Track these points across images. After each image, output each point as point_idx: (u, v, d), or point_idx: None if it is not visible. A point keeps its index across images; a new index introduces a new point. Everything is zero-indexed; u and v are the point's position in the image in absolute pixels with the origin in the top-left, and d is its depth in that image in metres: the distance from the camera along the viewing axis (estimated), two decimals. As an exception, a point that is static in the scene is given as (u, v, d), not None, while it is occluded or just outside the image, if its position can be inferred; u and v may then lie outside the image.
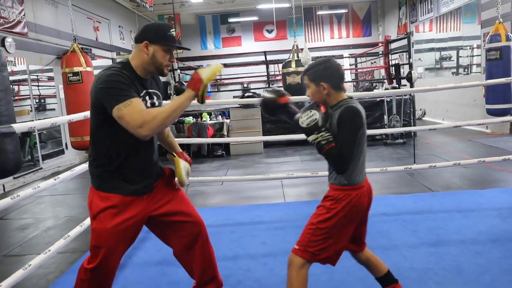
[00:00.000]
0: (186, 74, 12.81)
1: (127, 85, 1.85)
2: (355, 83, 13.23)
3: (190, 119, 8.30)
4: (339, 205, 2.00)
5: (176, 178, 2.16)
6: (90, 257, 2.00)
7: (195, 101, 1.97)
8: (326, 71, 2.01)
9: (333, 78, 2.01)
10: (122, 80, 1.85)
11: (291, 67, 6.78)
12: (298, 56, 6.76)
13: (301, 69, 6.30)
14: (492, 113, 5.13)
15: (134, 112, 1.79)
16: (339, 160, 1.92)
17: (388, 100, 8.39)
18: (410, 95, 8.31)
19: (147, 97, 1.99)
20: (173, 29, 2.03)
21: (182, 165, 2.17)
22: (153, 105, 2.02)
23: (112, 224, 1.94)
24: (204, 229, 2.22)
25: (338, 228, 2.01)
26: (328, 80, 2.00)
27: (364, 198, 2.05)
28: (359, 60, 13.60)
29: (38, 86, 7.84)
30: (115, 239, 1.96)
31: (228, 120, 8.37)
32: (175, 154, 2.25)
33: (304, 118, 1.94)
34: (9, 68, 5.99)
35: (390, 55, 10.10)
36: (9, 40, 6.54)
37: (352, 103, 1.98)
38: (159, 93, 2.10)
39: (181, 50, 15.18)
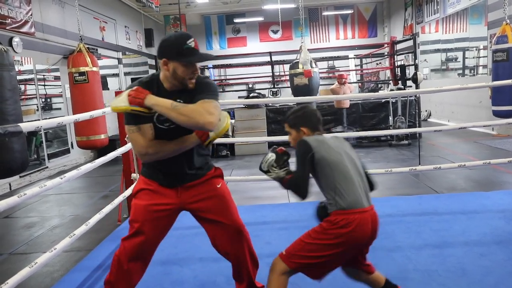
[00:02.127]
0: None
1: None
2: (360, 84, 13.20)
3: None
4: (338, 227, 1.93)
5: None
6: (128, 231, 2.14)
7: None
8: (304, 117, 2.18)
9: (311, 122, 2.16)
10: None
11: (298, 68, 6.78)
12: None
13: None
14: (498, 114, 5.11)
15: (139, 141, 1.99)
16: (294, 186, 2.05)
17: (393, 101, 8.37)
18: (415, 96, 8.28)
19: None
20: (191, 39, 1.96)
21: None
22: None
23: (146, 202, 2.11)
24: (240, 233, 2.26)
25: (330, 252, 1.94)
26: (306, 124, 2.15)
27: (367, 225, 1.96)
28: (364, 61, 13.57)
29: (44, 85, 7.89)
30: (146, 216, 2.09)
31: (233, 120, 8.38)
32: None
33: (264, 163, 2.14)
34: (16, 68, 6.04)
35: (395, 56, 10.07)
36: (16, 39, 6.60)
37: (306, 137, 2.10)
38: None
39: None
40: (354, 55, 13.40)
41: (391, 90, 9.86)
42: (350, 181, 1.98)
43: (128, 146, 3.83)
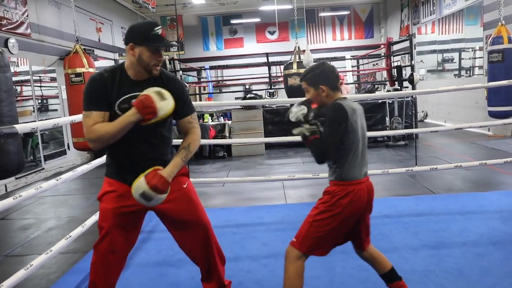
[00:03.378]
0: (188, 75, 12.85)
1: (95, 93, 1.97)
2: (357, 84, 13.22)
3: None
4: (336, 199, 2.03)
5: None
6: (99, 236, 2.11)
7: (196, 102, 1.99)
8: (323, 74, 2.10)
9: (330, 80, 2.10)
10: (92, 87, 1.98)
11: (292, 68, 6.79)
12: (299, 58, 6.76)
13: (302, 70, 6.28)
14: (494, 115, 5.13)
15: (87, 126, 1.97)
16: (319, 150, 2.02)
17: (390, 102, 8.38)
18: (412, 97, 8.30)
19: (133, 100, 1.97)
20: (159, 27, 2.00)
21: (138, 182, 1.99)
22: None
23: (113, 205, 2.07)
24: (207, 231, 2.26)
25: (335, 222, 2.04)
26: (325, 82, 2.08)
27: (363, 194, 2.07)
28: (361, 61, 13.60)
29: (40, 86, 7.86)
30: (114, 221, 2.06)
31: (229, 122, 8.37)
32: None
33: (293, 113, 2.06)
34: (12, 69, 6.01)
35: (392, 57, 10.10)
36: (12, 41, 6.57)
37: (340, 100, 2.06)
38: None
39: (183, 51, 15.09)
40: (351, 56, 13.42)
41: (388, 91, 9.87)
42: (358, 155, 2.06)
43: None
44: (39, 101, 7.82)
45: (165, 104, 1.93)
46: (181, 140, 2.19)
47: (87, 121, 1.97)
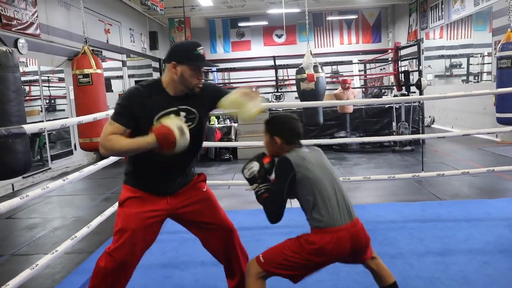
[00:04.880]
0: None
1: (128, 107, 1.99)
2: (364, 89, 13.19)
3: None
4: (309, 247, 1.96)
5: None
6: (113, 241, 2.09)
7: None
8: (280, 126, 2.13)
9: (286, 133, 2.12)
10: (127, 101, 2.01)
11: (305, 73, 6.75)
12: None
13: (315, 75, 6.22)
14: (502, 122, 5.08)
15: (105, 132, 1.99)
16: (269, 208, 2.04)
17: (397, 107, 8.35)
18: (419, 102, 8.27)
19: (172, 115, 2.02)
20: (201, 47, 2.06)
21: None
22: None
23: (137, 210, 2.08)
24: (231, 233, 2.32)
25: (308, 266, 2.00)
26: (281, 134, 2.11)
27: (345, 243, 1.95)
28: (368, 66, 13.57)
29: (48, 87, 7.92)
30: (138, 224, 2.07)
31: (236, 124, 8.38)
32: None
33: (246, 170, 2.11)
34: (21, 69, 6.06)
35: (399, 62, 10.06)
36: (21, 41, 6.63)
37: (290, 152, 2.06)
38: (193, 109, 2.10)
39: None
40: (358, 60, 13.39)
41: (395, 95, 9.84)
42: (328, 199, 1.99)
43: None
44: (47, 101, 7.88)
45: (183, 141, 1.93)
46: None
47: (108, 128, 2.00)
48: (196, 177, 2.29)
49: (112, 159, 3.48)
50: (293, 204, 2.14)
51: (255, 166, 2.09)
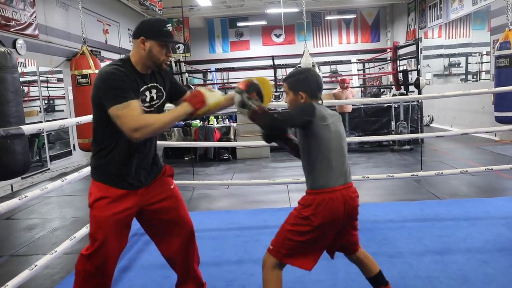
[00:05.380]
0: (194, 77, 12.88)
1: (126, 85, 1.91)
2: (362, 88, 13.19)
3: (197, 122, 8.32)
4: (307, 209, 1.98)
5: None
6: (89, 245, 2.05)
7: None
8: (305, 81, 2.08)
9: (311, 88, 2.08)
10: (121, 80, 1.92)
11: (301, 72, 6.76)
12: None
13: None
14: (501, 120, 5.09)
15: (131, 115, 1.86)
16: (270, 121, 1.97)
17: (395, 106, 8.36)
18: (418, 101, 8.27)
19: (146, 92, 2.05)
20: (169, 24, 2.06)
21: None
22: (152, 99, 2.08)
23: (108, 213, 2.01)
24: (192, 231, 2.30)
25: (308, 233, 1.98)
26: (306, 89, 2.07)
27: (337, 204, 1.96)
28: (367, 65, 13.58)
29: (47, 87, 7.92)
30: (111, 227, 2.02)
31: (235, 124, 8.38)
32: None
33: (236, 106, 2.05)
34: (20, 70, 6.06)
35: (398, 61, 10.06)
36: (20, 42, 6.62)
37: (315, 103, 2.05)
38: (161, 87, 2.14)
39: (189, 53, 15.12)
40: (357, 60, 13.40)
41: (394, 95, 9.85)
42: (331, 162, 2.00)
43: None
44: (46, 101, 7.87)
45: (213, 94, 2.01)
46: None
47: (130, 112, 1.86)
48: (164, 170, 2.26)
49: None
50: (292, 203, 2.13)
51: (236, 97, 2.03)
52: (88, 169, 3.14)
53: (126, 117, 1.86)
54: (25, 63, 7.02)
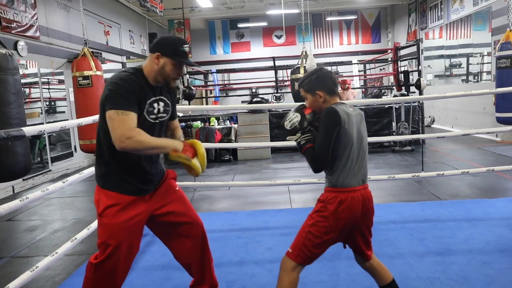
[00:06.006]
0: (195, 78, 12.89)
1: (133, 97, 1.95)
2: (363, 89, 13.19)
3: (198, 124, 8.33)
4: (329, 207, 2.01)
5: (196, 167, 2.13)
6: (98, 253, 2.06)
7: (203, 106, 2.05)
8: (319, 80, 2.10)
9: (327, 85, 2.09)
10: (129, 88, 1.96)
11: (299, 73, 6.78)
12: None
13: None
14: (502, 121, 5.08)
15: (127, 123, 1.90)
16: (313, 159, 2.02)
17: (396, 107, 8.35)
18: (419, 102, 8.27)
19: (155, 104, 2.09)
20: (187, 45, 2.12)
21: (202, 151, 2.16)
22: (158, 111, 2.11)
23: (119, 220, 2.03)
24: (204, 231, 2.33)
25: (330, 232, 2.02)
26: (322, 88, 2.08)
27: (357, 203, 2.03)
28: (368, 66, 13.57)
29: (48, 89, 7.92)
30: (122, 235, 2.04)
31: (236, 125, 8.39)
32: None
33: (288, 121, 2.10)
34: (21, 71, 6.06)
35: (399, 62, 10.07)
36: (21, 43, 6.63)
37: (335, 105, 2.05)
38: (168, 101, 2.17)
39: (190, 54, 15.24)
40: (358, 61, 13.40)
41: (395, 96, 9.85)
42: (353, 162, 2.03)
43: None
44: (47, 103, 7.88)
45: (203, 155, 2.14)
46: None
47: (126, 120, 1.89)
48: (166, 174, 2.29)
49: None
50: (293, 204, 2.14)
51: (296, 117, 2.07)
52: (89, 171, 3.15)
53: (121, 123, 1.89)
54: (26, 64, 7.04)
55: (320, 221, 2.02)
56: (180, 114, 7.56)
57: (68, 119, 7.73)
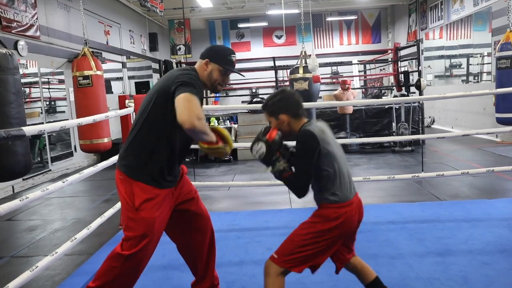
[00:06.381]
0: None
1: (201, 89, 2.13)
2: (363, 89, 13.19)
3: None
4: (329, 224, 1.98)
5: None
6: (129, 245, 2.06)
7: (203, 106, 2.06)
8: (281, 102, 2.06)
9: (290, 108, 2.04)
10: (200, 83, 2.11)
11: (298, 73, 6.77)
12: (306, 62, 6.74)
13: (308, 75, 6.27)
14: (502, 122, 5.08)
15: (198, 109, 1.92)
16: (295, 186, 1.98)
17: (396, 107, 8.35)
18: (419, 102, 8.27)
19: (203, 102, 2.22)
20: (234, 55, 2.24)
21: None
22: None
23: (156, 214, 2.08)
24: (212, 227, 2.42)
25: (325, 245, 2.00)
26: (285, 110, 2.04)
27: (355, 215, 2.02)
28: (368, 66, 13.57)
29: (49, 88, 7.92)
30: (158, 228, 2.12)
31: (236, 125, 8.39)
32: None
33: (255, 153, 2.03)
34: (21, 71, 6.07)
35: (399, 62, 10.06)
36: (21, 43, 6.63)
37: (307, 126, 2.00)
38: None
39: (191, 54, 15.11)
40: (358, 61, 13.40)
41: (395, 96, 9.85)
42: (343, 174, 2.01)
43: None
44: (47, 102, 7.88)
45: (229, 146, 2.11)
46: None
47: (195, 101, 1.94)
48: (183, 169, 2.39)
49: (112, 160, 3.48)
50: (293, 205, 2.13)
51: (261, 147, 2.00)
52: (89, 170, 3.15)
53: (197, 105, 1.93)
54: (26, 64, 7.04)
55: (316, 236, 1.99)
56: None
57: (68, 119, 7.72)
